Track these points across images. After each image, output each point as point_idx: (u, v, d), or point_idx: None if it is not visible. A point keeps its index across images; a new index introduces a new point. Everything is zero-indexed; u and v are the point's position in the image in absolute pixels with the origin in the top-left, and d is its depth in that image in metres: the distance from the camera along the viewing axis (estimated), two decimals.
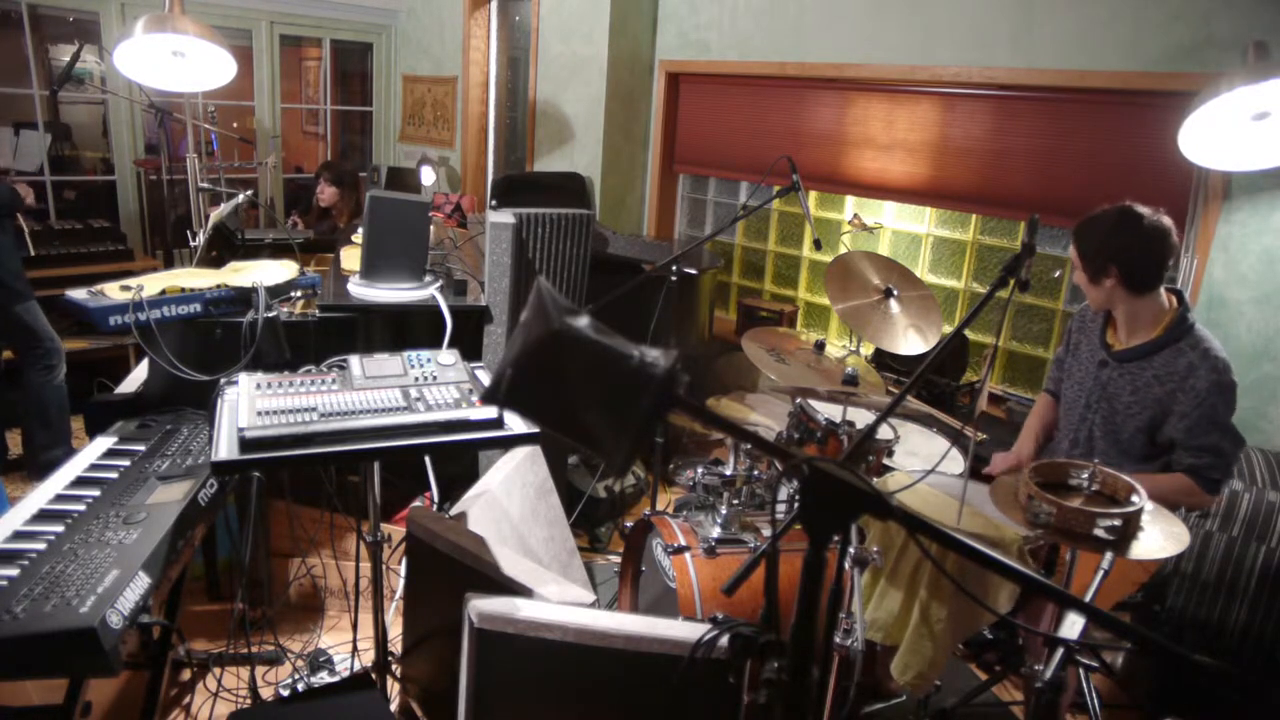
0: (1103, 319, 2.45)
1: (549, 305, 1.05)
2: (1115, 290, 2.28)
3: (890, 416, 2.62)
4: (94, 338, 4.41)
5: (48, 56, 6.02)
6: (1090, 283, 2.32)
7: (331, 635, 2.82)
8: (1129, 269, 2.25)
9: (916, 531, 1.13)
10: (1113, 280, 2.26)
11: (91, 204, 5.69)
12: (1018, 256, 1.73)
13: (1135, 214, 2.23)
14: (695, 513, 2.64)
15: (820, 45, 4.02)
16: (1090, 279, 2.31)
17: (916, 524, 1.11)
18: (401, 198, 2.80)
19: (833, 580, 1.18)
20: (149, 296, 2.42)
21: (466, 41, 5.55)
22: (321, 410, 1.79)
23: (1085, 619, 1.90)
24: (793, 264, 4.62)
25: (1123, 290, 2.27)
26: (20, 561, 1.67)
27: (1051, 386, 2.70)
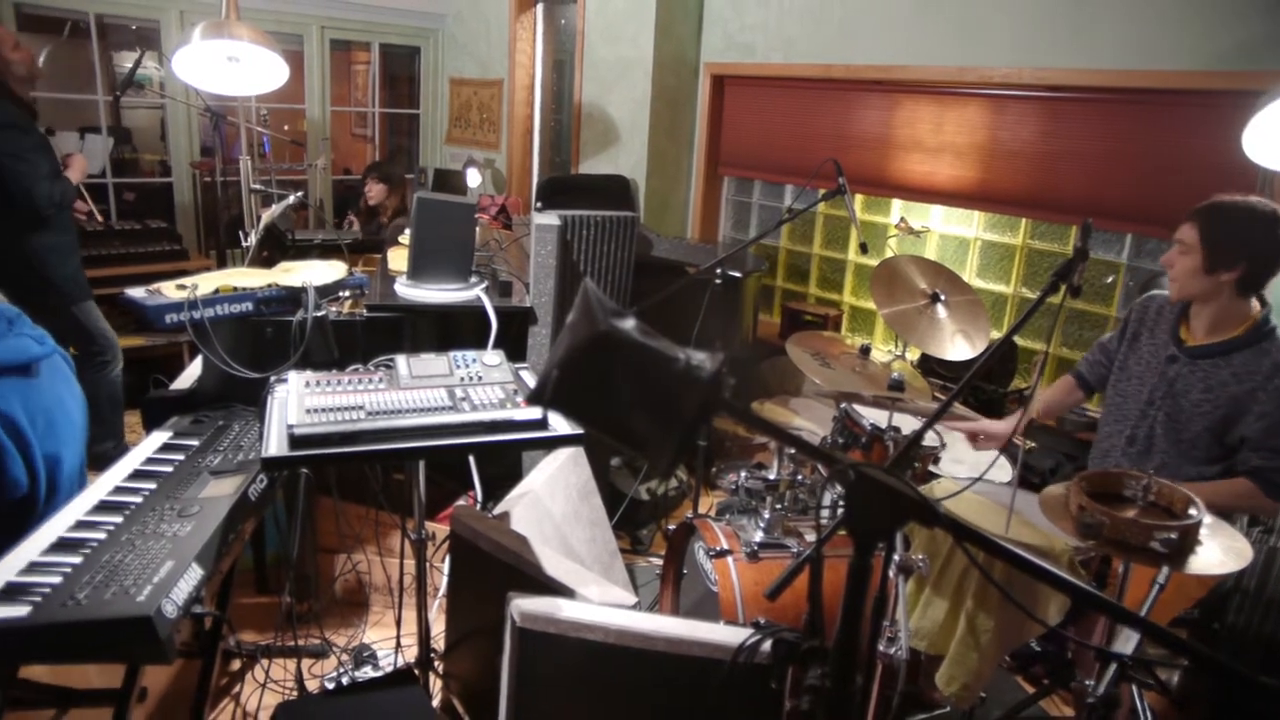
0: (1177, 312, 2.34)
1: (595, 307, 1.06)
2: (1226, 286, 2.17)
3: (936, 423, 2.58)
4: (151, 335, 4.52)
5: (111, 64, 6.20)
6: (1204, 271, 2.18)
7: (375, 630, 2.86)
8: (1257, 269, 2.14)
9: (964, 539, 1.12)
10: (1233, 275, 2.15)
11: (149, 205, 5.84)
12: (1070, 261, 1.69)
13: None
14: (738, 516, 2.63)
15: (866, 47, 3.98)
16: (1207, 268, 2.17)
17: (964, 532, 1.10)
18: (448, 199, 2.83)
19: (877, 587, 1.17)
20: (203, 295, 2.48)
21: (512, 44, 5.60)
22: (369, 409, 1.81)
23: (1140, 634, 1.86)
24: (838, 267, 4.58)
25: (1233, 288, 2.17)
26: (83, 550, 1.72)
27: (1084, 370, 2.59)
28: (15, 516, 1.91)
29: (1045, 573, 1.05)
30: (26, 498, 1.91)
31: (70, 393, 2.12)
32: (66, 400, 2.07)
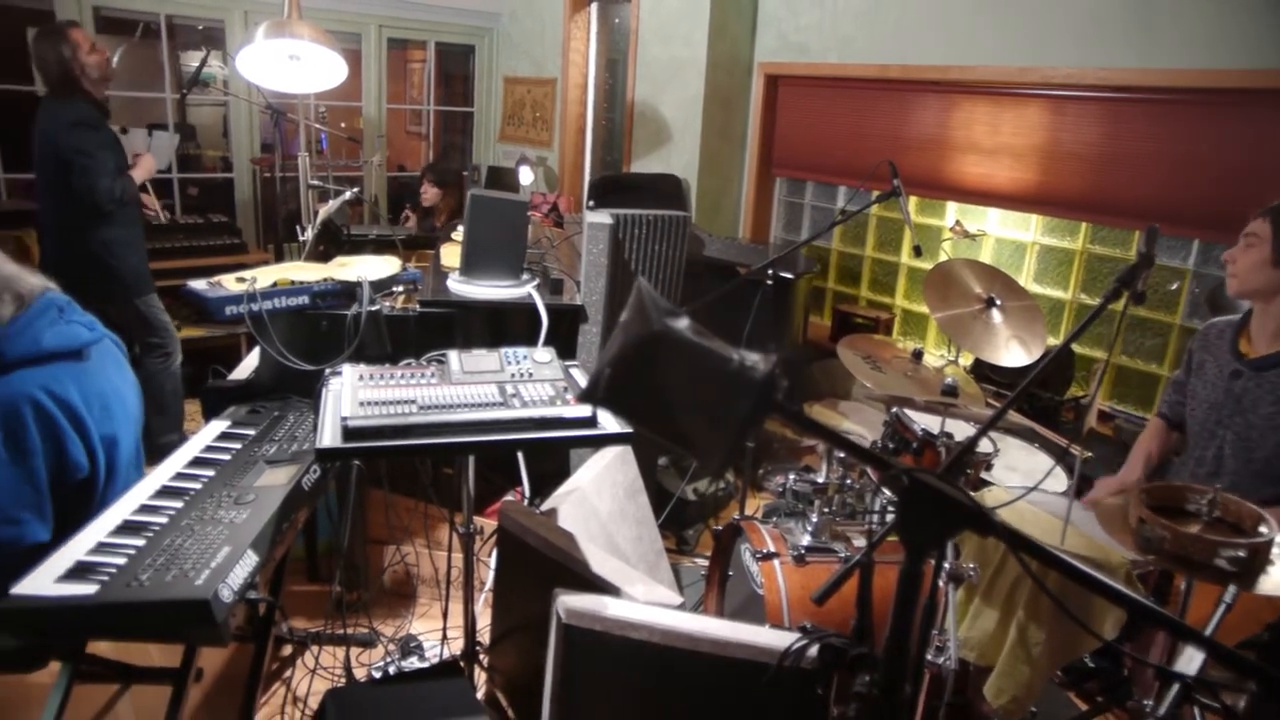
0: (1234, 329, 2.29)
1: (649, 306, 1.05)
2: None
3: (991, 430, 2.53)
4: (210, 326, 4.64)
5: (179, 63, 6.38)
6: (1272, 264, 2.13)
7: (422, 622, 2.90)
8: None
9: (1019, 549, 1.09)
10: None
11: (211, 199, 5.99)
12: (1134, 267, 1.64)
13: None
14: (785, 519, 2.61)
15: (923, 47, 3.92)
16: (1275, 260, 2.12)
17: (1019, 541, 1.08)
18: (501, 197, 2.85)
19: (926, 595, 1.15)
20: (262, 288, 2.53)
21: (566, 43, 5.62)
22: (421, 403, 1.83)
23: (1205, 654, 1.80)
24: (890, 270, 4.52)
25: None
26: (146, 533, 1.78)
27: (1166, 410, 2.55)
28: (78, 499, 1.97)
29: (1102, 585, 1.03)
30: (87, 480, 1.97)
31: (123, 377, 2.17)
32: (119, 384, 2.12)
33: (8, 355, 1.86)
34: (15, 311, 1.90)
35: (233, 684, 2.57)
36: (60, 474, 1.90)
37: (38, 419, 1.84)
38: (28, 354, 1.87)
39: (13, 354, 1.86)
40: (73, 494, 1.95)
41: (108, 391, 2.03)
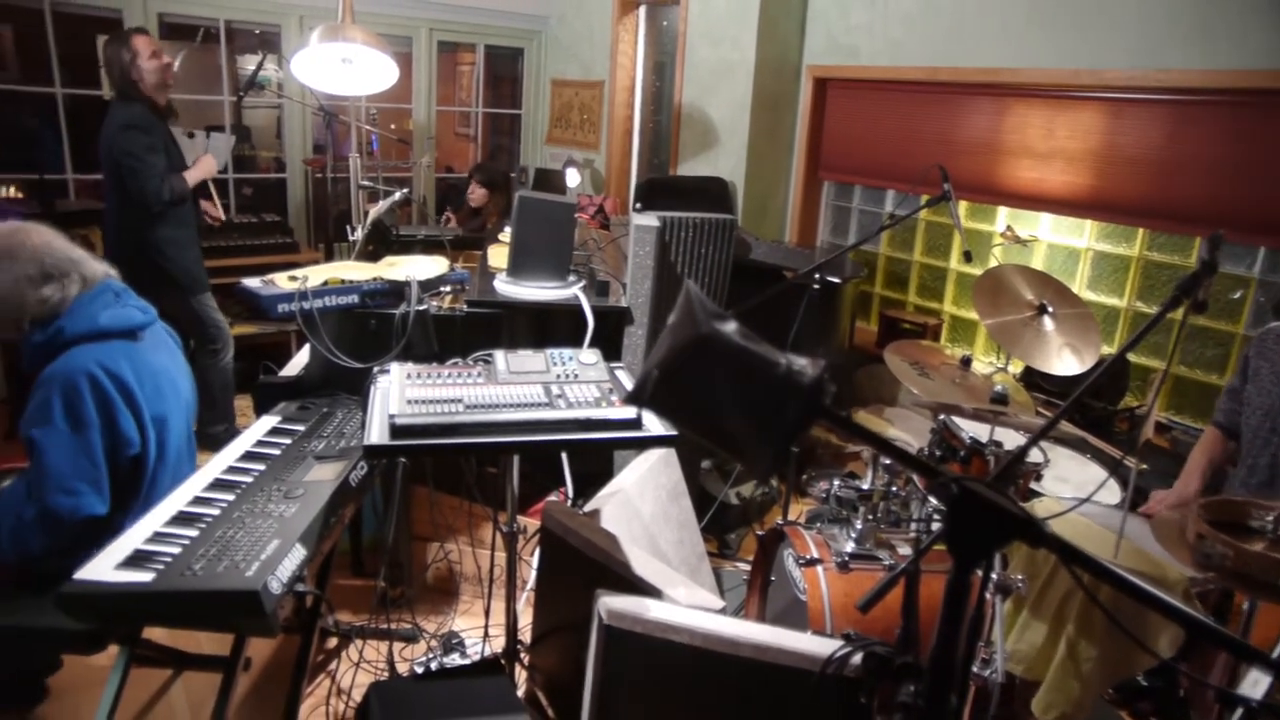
0: None
1: (697, 309, 1.05)
2: None
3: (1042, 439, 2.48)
4: (261, 323, 4.74)
5: (236, 66, 6.52)
6: None
7: (464, 619, 2.92)
8: None
9: (1071, 561, 1.07)
10: None
11: (265, 199, 6.12)
12: (1195, 275, 1.60)
13: None
14: (829, 525, 2.58)
15: (976, 50, 3.86)
16: None
17: (1071, 554, 1.05)
18: (549, 198, 2.86)
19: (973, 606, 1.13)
20: (313, 287, 2.58)
21: (614, 46, 5.64)
22: (467, 402, 1.85)
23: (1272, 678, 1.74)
24: (939, 276, 4.46)
25: None
26: (199, 524, 1.82)
27: (1221, 419, 2.48)
28: (130, 476, 2.06)
29: (1159, 601, 1.00)
30: (138, 457, 2.05)
31: (175, 363, 2.27)
32: (171, 369, 2.22)
33: (67, 332, 1.98)
34: (79, 291, 2.03)
35: (279, 674, 2.62)
36: (113, 449, 1.98)
37: (94, 392, 1.93)
38: (85, 332, 1.99)
39: (72, 331, 1.98)
40: (125, 470, 2.04)
41: (159, 372, 2.12)
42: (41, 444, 1.91)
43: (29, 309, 1.99)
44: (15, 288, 1.97)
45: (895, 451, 1.13)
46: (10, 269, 1.97)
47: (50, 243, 2.05)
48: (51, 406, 1.91)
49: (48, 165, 4.87)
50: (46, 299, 2.00)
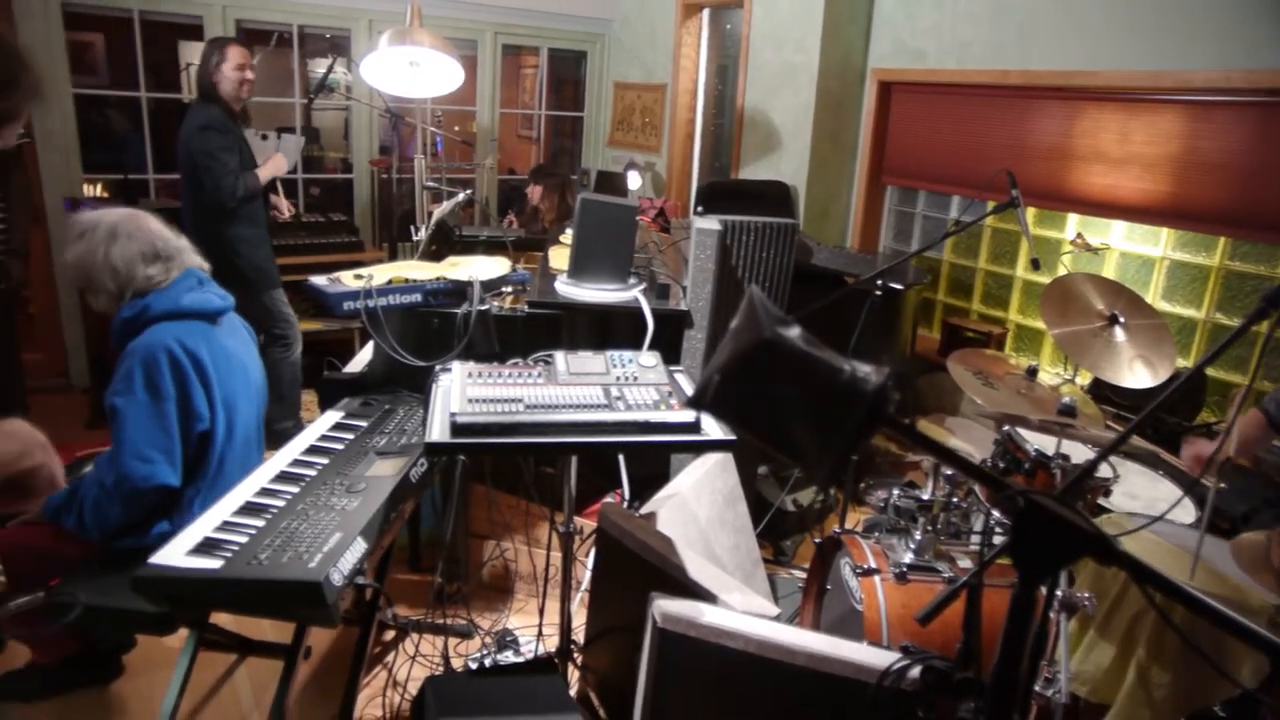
0: None
1: (761, 314, 1.04)
2: None
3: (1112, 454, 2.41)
4: (327, 320, 4.85)
5: (307, 70, 6.70)
6: None
7: (518, 617, 2.95)
8: None
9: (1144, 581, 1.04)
10: None
11: (332, 199, 6.27)
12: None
13: None
14: (887, 535, 2.54)
15: (1048, 52, 3.77)
16: None
17: (1144, 572, 1.02)
18: (611, 201, 2.88)
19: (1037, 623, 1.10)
20: (377, 285, 2.63)
21: (677, 49, 5.64)
22: (527, 402, 1.87)
23: None
24: (1004, 284, 4.36)
25: None
26: (265, 515, 1.87)
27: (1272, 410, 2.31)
28: (199, 452, 2.17)
29: (1243, 627, 0.96)
30: (207, 433, 2.16)
31: (248, 352, 2.41)
32: (243, 356, 2.34)
33: (152, 309, 2.14)
34: (177, 276, 2.21)
35: (338, 664, 2.68)
36: (185, 422, 2.10)
37: (171, 366, 2.06)
38: (167, 310, 2.15)
39: (156, 309, 2.14)
40: (195, 445, 2.15)
41: (231, 356, 2.25)
42: (122, 411, 2.03)
43: (136, 283, 2.16)
44: (131, 262, 2.15)
45: (959, 462, 1.11)
46: (130, 245, 2.15)
47: (163, 229, 2.26)
48: (133, 377, 2.04)
49: (131, 165, 5.07)
50: (151, 277, 2.17)
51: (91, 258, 2.13)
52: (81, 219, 2.18)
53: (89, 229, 2.15)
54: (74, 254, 2.16)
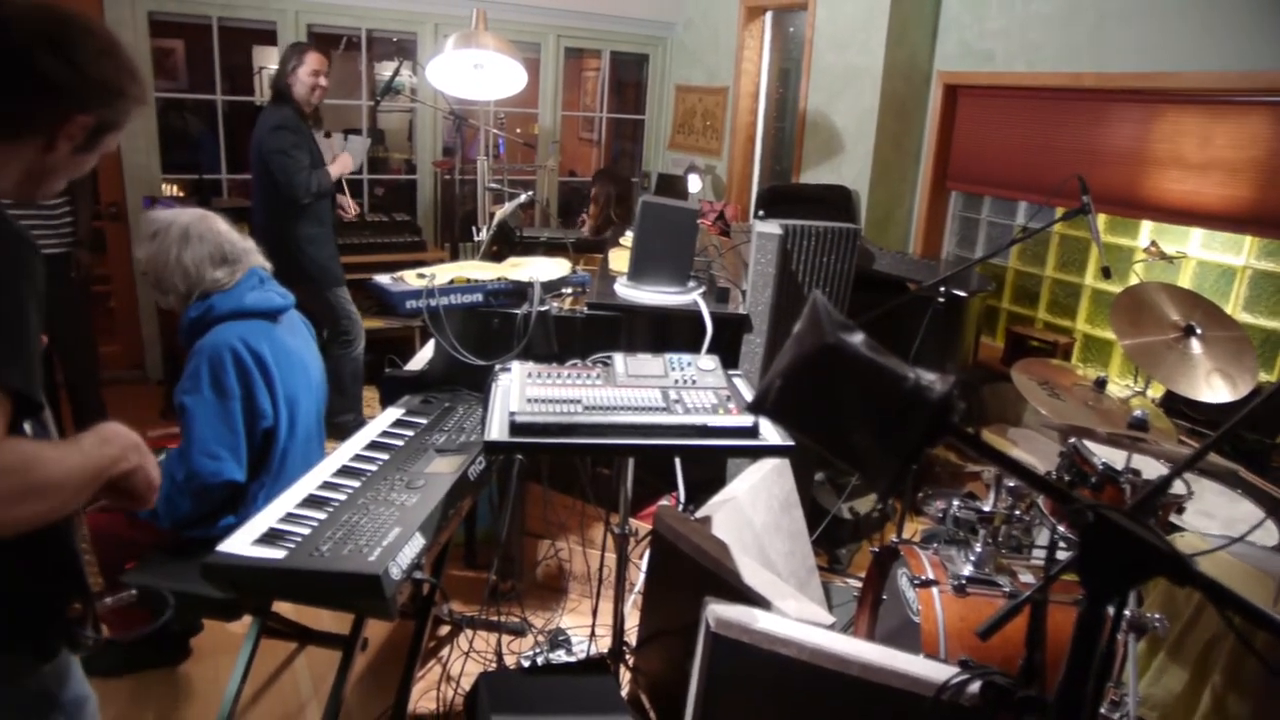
0: None
1: (824, 319, 1.03)
2: None
3: (1188, 470, 2.32)
4: (388, 318, 4.94)
5: (373, 72, 6.84)
6: None
7: (571, 617, 2.96)
8: None
9: (1223, 604, 1.00)
10: None
11: (396, 199, 6.39)
12: None
13: None
14: (945, 546, 2.49)
15: (1124, 53, 3.65)
16: None
17: (1224, 595, 0.98)
18: (672, 204, 2.88)
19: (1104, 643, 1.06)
20: (440, 285, 2.67)
21: (739, 52, 5.62)
22: (585, 403, 1.88)
23: None
24: (1072, 292, 4.24)
25: None
26: (327, 507, 1.91)
27: None
28: (263, 448, 2.24)
29: None
30: (271, 430, 2.23)
31: (308, 349, 2.46)
32: (304, 353, 2.40)
33: (217, 309, 2.20)
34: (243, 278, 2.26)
35: (394, 656, 2.72)
36: (250, 420, 2.16)
37: (236, 365, 2.12)
38: (232, 310, 2.20)
39: (221, 309, 2.20)
40: (259, 442, 2.21)
41: (292, 353, 2.31)
42: (191, 410, 2.10)
43: (204, 284, 2.22)
44: (200, 264, 2.21)
45: (1025, 473, 1.08)
46: (200, 248, 2.21)
47: (230, 231, 2.31)
48: (200, 376, 2.11)
49: (206, 166, 5.24)
50: (219, 280, 2.23)
51: (164, 259, 2.20)
52: (154, 219, 2.25)
53: (161, 229, 2.22)
54: (146, 253, 2.23)
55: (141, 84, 1.23)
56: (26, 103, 1.12)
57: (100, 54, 1.17)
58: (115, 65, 1.18)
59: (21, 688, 1.16)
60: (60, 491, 1.06)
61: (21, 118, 1.13)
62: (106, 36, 1.20)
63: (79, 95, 1.15)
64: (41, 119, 1.14)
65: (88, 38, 1.16)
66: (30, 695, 1.17)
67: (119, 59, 1.19)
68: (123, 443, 1.18)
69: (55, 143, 1.16)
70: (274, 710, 2.51)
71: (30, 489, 1.01)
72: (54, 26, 1.14)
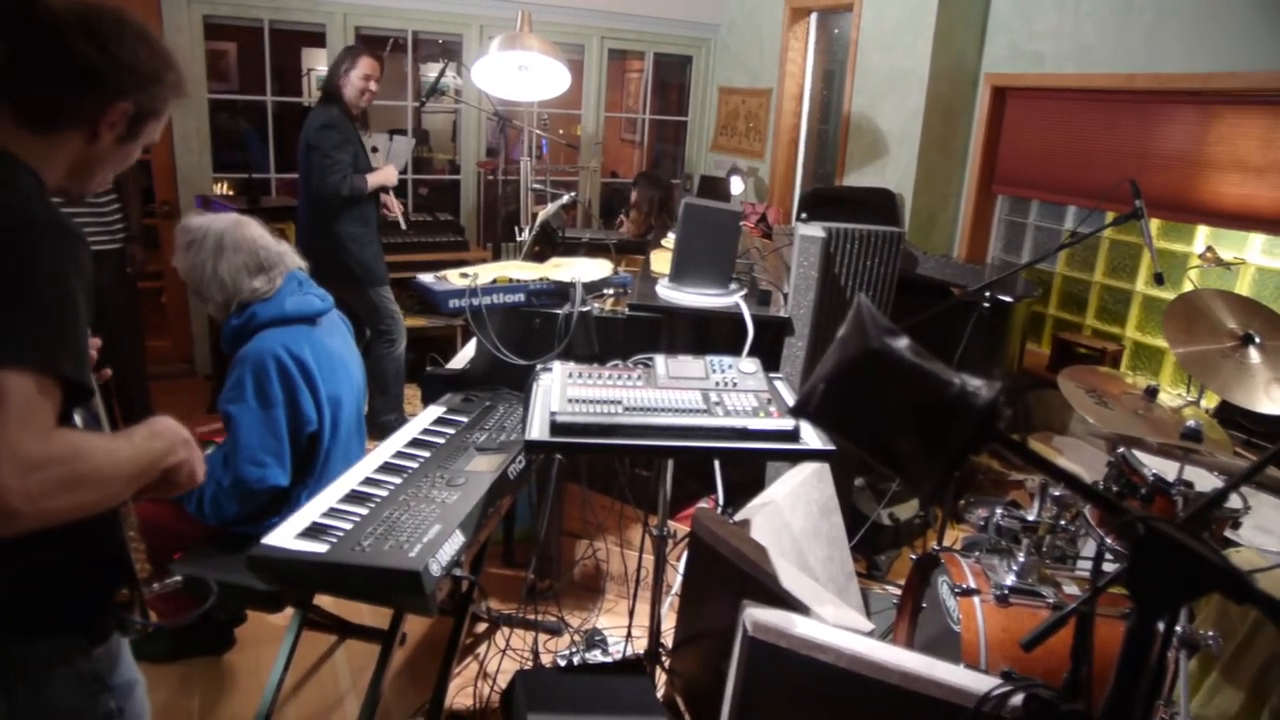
0: None
1: (869, 323, 1.02)
2: None
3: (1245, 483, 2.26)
4: (431, 317, 4.99)
5: (419, 74, 6.92)
6: None
7: (607, 618, 2.97)
8: None
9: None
10: None
11: (439, 199, 6.46)
12: None
13: None
14: (988, 555, 2.45)
15: (1181, 53, 3.56)
16: None
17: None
18: (715, 206, 2.87)
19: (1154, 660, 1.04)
20: (482, 284, 2.69)
21: (783, 54, 5.59)
22: (626, 404, 1.88)
23: None
24: (1122, 298, 4.15)
25: None
26: (369, 503, 1.94)
27: None
28: (308, 451, 2.26)
29: None
30: (315, 434, 2.25)
31: (348, 348, 2.48)
32: (344, 353, 2.42)
33: (259, 317, 2.21)
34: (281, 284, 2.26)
35: (432, 652, 2.75)
36: (295, 426, 2.18)
37: (279, 373, 2.14)
38: (273, 316, 2.22)
39: (263, 316, 2.21)
40: (303, 446, 2.23)
41: (334, 355, 2.32)
42: (236, 418, 2.12)
43: (242, 294, 2.22)
44: (236, 275, 2.21)
45: (1074, 482, 1.06)
46: (235, 258, 2.21)
47: (264, 236, 2.30)
48: (244, 384, 2.13)
49: (255, 165, 5.34)
50: (257, 289, 2.23)
51: (200, 270, 2.21)
52: (188, 228, 2.24)
53: (196, 240, 2.22)
54: (183, 265, 2.24)
55: (178, 71, 1.26)
56: (66, 93, 1.15)
57: (135, 41, 1.20)
58: (150, 52, 1.21)
59: (74, 670, 1.19)
60: (110, 482, 1.09)
61: (62, 108, 1.15)
62: (140, 26, 1.22)
63: (116, 82, 1.17)
64: (82, 109, 1.17)
65: (122, 27, 1.19)
66: (83, 677, 1.21)
67: (153, 46, 1.22)
68: (172, 437, 1.21)
69: (98, 132, 1.18)
70: (314, 701, 2.55)
71: (81, 478, 1.03)
72: (88, 17, 1.16)
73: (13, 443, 0.96)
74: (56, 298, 1.05)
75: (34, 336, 1.02)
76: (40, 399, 1.01)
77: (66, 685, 1.19)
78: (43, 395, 1.01)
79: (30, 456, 0.97)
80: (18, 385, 0.99)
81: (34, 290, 1.04)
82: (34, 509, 0.97)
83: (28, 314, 1.03)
